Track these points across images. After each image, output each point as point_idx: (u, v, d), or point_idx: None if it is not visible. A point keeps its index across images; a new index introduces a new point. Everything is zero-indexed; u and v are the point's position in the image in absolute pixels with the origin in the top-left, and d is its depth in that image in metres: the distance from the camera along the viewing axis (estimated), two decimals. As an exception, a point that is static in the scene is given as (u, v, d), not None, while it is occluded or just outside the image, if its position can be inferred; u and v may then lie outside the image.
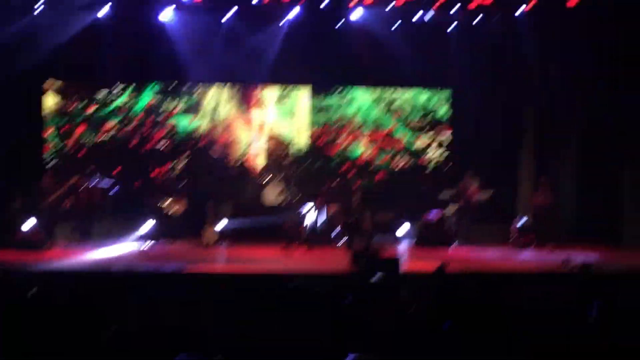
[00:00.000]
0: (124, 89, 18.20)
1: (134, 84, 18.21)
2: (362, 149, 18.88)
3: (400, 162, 18.97)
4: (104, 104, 18.13)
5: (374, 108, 19.01)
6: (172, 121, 18.40)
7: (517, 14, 16.22)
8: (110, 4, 16.17)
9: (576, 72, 17.21)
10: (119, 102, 18.21)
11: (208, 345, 5.88)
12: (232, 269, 12.23)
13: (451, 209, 16.56)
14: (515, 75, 17.94)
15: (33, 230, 14.48)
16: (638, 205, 15.82)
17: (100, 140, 18.06)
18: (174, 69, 17.48)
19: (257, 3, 16.15)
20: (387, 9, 16.47)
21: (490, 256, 14.90)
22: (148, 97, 18.33)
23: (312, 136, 18.82)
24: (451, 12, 16.57)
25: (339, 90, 18.87)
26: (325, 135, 18.89)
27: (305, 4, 16.62)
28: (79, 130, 18.00)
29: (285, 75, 18.17)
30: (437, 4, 16.17)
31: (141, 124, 18.27)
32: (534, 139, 18.01)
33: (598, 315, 5.61)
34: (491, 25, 16.92)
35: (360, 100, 18.98)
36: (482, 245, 15.92)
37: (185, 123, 18.50)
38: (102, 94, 18.09)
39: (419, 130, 19.05)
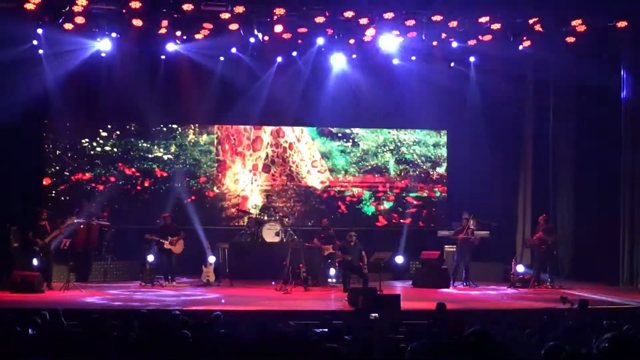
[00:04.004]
0: (110, 133, 18.30)
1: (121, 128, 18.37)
2: (361, 190, 18.93)
3: (399, 203, 19.00)
4: (95, 145, 18.24)
5: (377, 152, 19.07)
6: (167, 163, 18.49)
7: (520, 47, 16.19)
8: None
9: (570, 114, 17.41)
10: (109, 145, 18.31)
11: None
12: (231, 307, 12.14)
13: (449, 248, 16.57)
14: (511, 115, 18.15)
15: (30, 271, 14.18)
16: (635, 246, 15.78)
17: (97, 180, 18.10)
18: (166, 112, 17.68)
19: (253, 44, 16.24)
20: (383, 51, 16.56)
21: (489, 295, 14.86)
22: (140, 139, 18.46)
23: (315, 177, 18.88)
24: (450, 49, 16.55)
25: (341, 133, 18.98)
26: (328, 176, 18.93)
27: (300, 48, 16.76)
28: (76, 171, 18.09)
29: (285, 116, 18.30)
30: (436, 42, 16.17)
31: (135, 166, 18.35)
32: (532, 179, 18.07)
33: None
34: (487, 65, 17.09)
35: (364, 145, 19.05)
36: (481, 284, 15.90)
37: (181, 165, 18.56)
38: (92, 135, 18.21)
39: (419, 172, 19.10)
